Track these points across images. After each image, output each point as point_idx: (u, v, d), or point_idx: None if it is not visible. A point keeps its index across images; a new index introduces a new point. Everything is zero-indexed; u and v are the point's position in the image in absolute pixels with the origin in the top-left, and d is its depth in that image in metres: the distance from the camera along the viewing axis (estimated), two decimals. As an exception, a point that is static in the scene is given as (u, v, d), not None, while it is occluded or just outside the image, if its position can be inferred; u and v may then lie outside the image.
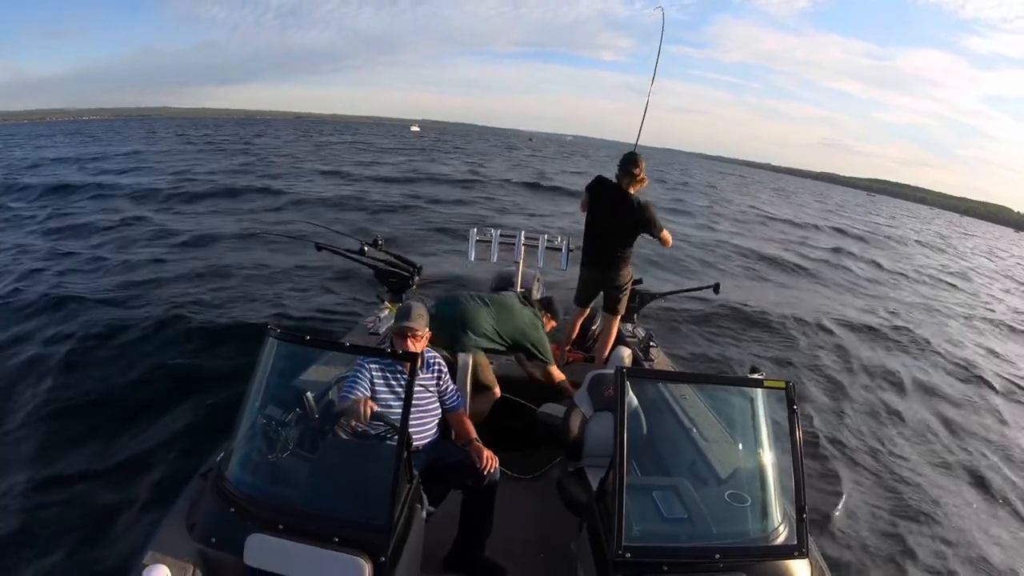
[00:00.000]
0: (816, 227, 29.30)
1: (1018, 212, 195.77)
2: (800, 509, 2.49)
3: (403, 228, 14.81)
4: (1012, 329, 14.73)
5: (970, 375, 10.10)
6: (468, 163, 40.37)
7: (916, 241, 34.41)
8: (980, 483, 6.46)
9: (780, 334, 10.19)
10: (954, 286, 19.93)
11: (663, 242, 4.75)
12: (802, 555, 2.46)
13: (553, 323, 4.68)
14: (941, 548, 5.16)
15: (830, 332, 10.72)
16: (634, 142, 5.18)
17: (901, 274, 19.98)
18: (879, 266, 20.34)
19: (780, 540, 2.52)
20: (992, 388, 9.63)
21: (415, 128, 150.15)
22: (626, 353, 4.53)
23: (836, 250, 21.74)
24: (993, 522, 5.74)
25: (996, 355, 11.90)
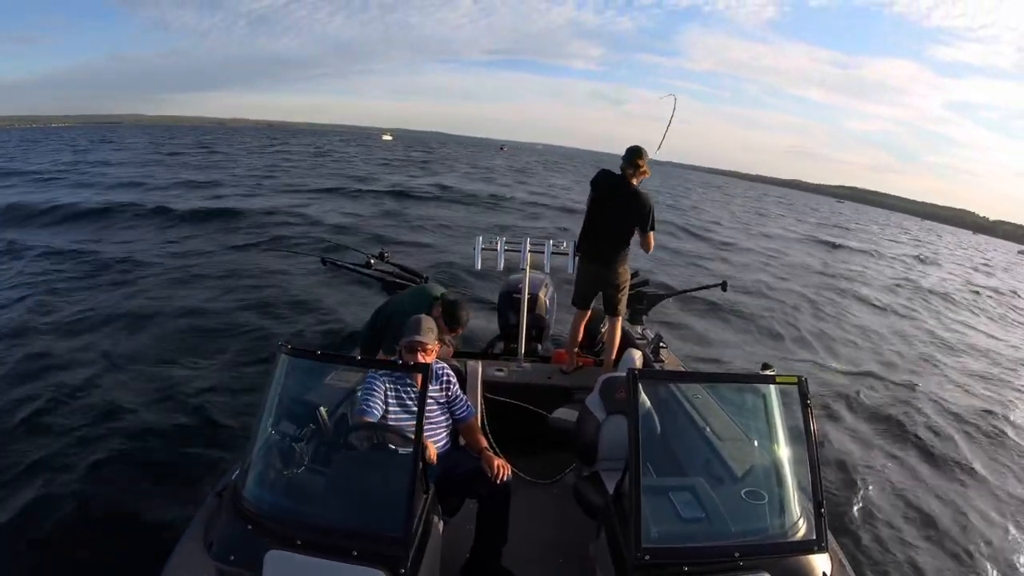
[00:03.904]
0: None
1: (983, 217, 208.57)
2: (818, 503, 2.48)
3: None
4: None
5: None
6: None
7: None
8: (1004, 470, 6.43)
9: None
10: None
11: (647, 243, 4.80)
12: (821, 549, 2.45)
13: (449, 332, 3.91)
14: (960, 537, 5.13)
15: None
16: (604, 151, 5.20)
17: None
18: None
19: (799, 535, 2.51)
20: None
21: (387, 137, 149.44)
22: (637, 355, 4.52)
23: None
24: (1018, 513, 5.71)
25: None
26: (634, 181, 4.68)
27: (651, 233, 4.77)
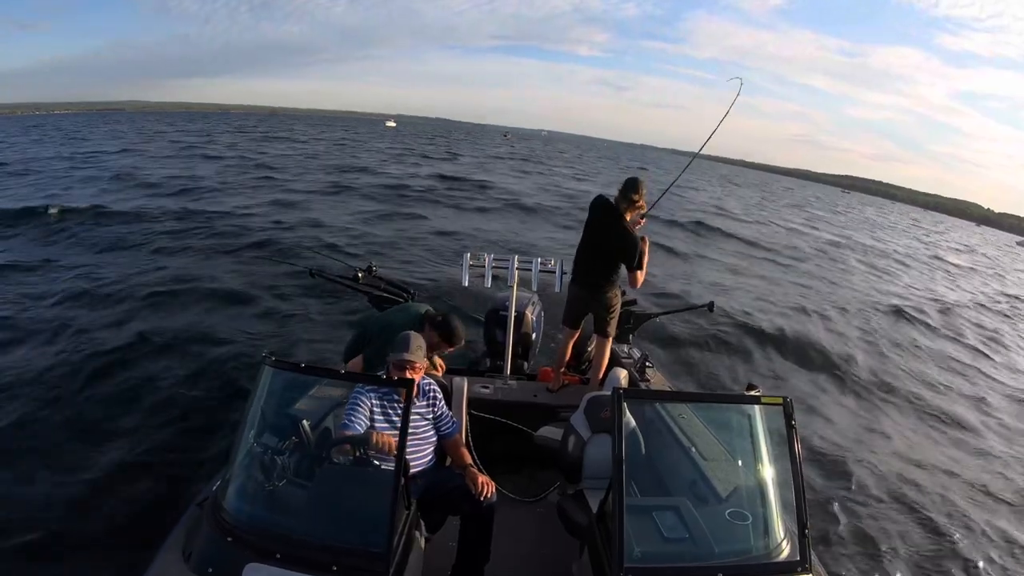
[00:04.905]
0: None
1: (988, 208, 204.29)
2: (802, 524, 2.49)
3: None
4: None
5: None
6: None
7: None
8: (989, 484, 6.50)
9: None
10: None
11: (633, 280, 4.73)
12: (806, 570, 2.45)
13: (450, 347, 4.07)
14: (947, 557, 5.15)
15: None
16: (609, 138, 5.21)
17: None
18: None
19: (783, 556, 2.51)
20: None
21: (391, 123, 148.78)
22: (622, 374, 4.53)
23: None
24: (1003, 531, 5.74)
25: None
26: (627, 215, 4.62)
27: (638, 272, 4.68)
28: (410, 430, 2.59)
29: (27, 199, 17.48)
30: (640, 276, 4.72)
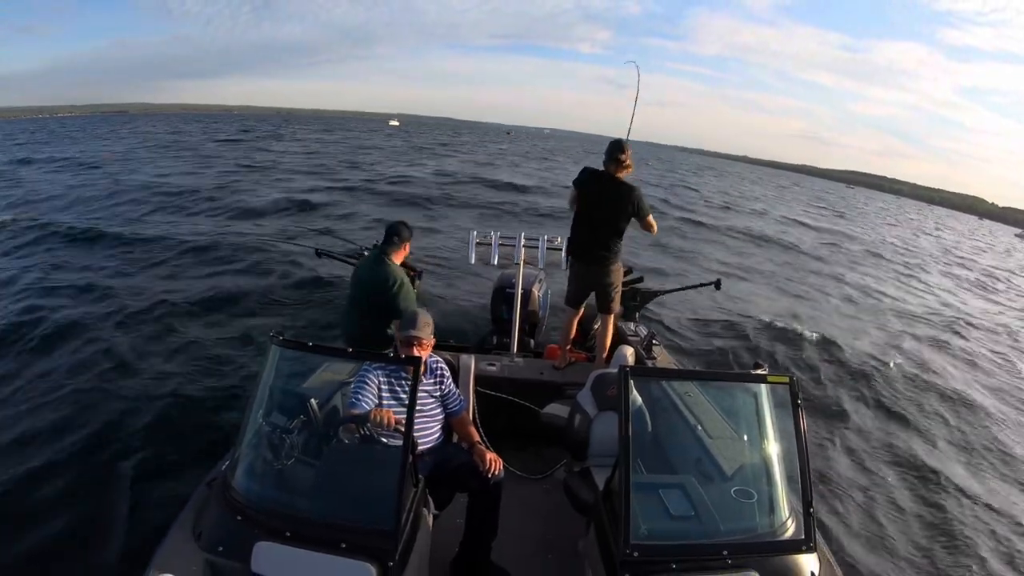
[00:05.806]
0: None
1: (992, 203, 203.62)
2: (807, 503, 2.49)
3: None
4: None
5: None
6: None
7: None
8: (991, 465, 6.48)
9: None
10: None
11: (649, 227, 4.76)
12: (810, 549, 2.46)
13: (409, 242, 4.48)
14: (949, 537, 5.17)
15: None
16: (611, 136, 5.18)
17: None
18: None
19: (788, 534, 2.52)
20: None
21: (394, 122, 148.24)
22: (629, 352, 4.53)
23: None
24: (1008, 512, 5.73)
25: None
26: (619, 175, 4.61)
27: (649, 216, 4.69)
28: (417, 407, 2.60)
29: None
30: (652, 221, 4.75)
